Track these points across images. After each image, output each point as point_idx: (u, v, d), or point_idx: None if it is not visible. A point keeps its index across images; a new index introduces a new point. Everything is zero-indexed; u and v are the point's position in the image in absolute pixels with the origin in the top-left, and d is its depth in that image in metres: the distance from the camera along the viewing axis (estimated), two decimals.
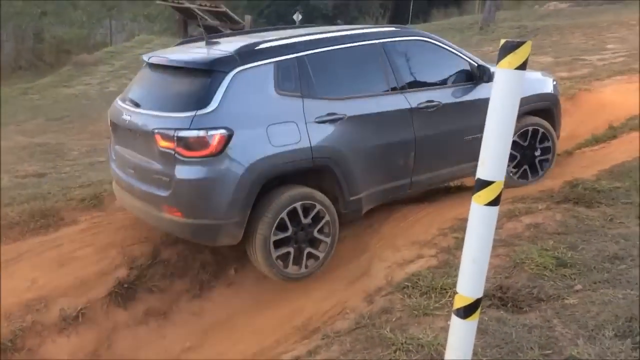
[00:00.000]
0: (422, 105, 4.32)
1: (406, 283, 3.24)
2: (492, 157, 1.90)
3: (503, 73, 1.83)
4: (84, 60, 20.08)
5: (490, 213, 1.94)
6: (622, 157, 5.12)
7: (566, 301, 2.78)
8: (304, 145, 3.74)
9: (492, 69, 4.53)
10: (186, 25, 23.58)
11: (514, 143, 4.79)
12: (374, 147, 4.07)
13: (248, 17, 22.01)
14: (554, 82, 5.34)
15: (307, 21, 36.86)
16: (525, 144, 4.95)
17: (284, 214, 3.74)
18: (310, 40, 4.04)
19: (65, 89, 17.10)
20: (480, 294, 1.97)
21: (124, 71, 18.32)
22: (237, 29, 22.59)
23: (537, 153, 5.02)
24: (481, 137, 1.87)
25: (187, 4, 21.57)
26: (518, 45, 1.81)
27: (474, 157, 2.11)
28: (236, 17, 23.06)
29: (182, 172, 3.54)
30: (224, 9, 22.11)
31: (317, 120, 3.82)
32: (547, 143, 5.04)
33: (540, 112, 5.04)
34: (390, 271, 3.62)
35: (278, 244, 3.78)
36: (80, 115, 13.19)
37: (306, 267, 3.93)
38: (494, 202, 1.93)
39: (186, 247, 4.32)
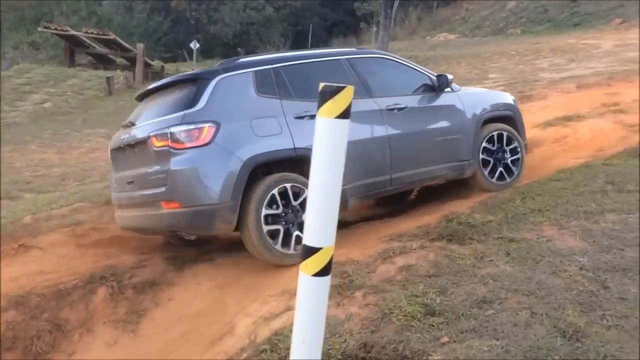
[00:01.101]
0: (390, 107, 4.81)
1: (265, 346, 2.91)
2: (319, 219, 1.62)
3: (323, 123, 1.57)
4: None
5: (319, 285, 1.64)
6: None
7: (430, 358, 2.57)
8: (285, 136, 4.19)
9: (449, 76, 5.19)
10: (73, 53, 22.30)
11: (485, 149, 5.33)
12: (351, 142, 4.14)
13: (140, 45, 21.17)
14: (513, 97, 6.01)
15: (207, 50, 36.42)
16: (494, 148, 5.42)
17: (275, 191, 4.06)
18: (284, 56, 4.81)
19: None
20: None
21: None
22: (128, 57, 21.66)
23: (507, 155, 5.48)
24: (450, 139, 2.57)
25: (72, 32, 20.39)
26: (338, 90, 1.56)
27: (447, 158, 3.27)
28: (127, 45, 22.15)
29: (176, 163, 3.92)
30: (112, 36, 21.19)
31: (295, 116, 4.31)
32: (514, 144, 5.49)
33: (502, 119, 5.58)
34: (255, 327, 3.29)
35: (268, 219, 4.03)
36: None
37: (295, 249, 4.09)
38: (324, 272, 1.63)
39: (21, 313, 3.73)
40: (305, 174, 4.05)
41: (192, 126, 3.95)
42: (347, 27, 39.49)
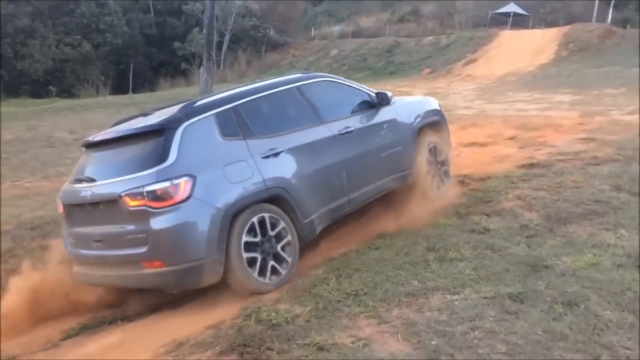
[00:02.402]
0: (342, 132, 4.88)
1: None
2: None
3: None
4: None
5: None
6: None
7: None
8: (257, 179, 4.13)
9: (389, 94, 5.49)
10: None
11: (428, 161, 5.69)
12: (312, 173, 4.53)
13: None
14: (437, 102, 6.34)
15: (13, 88, 32.25)
16: (433, 159, 5.79)
17: (254, 219, 4.03)
18: (237, 93, 4.62)
19: None
20: None
21: None
22: None
23: (440, 167, 5.89)
24: (393, 152, 4.83)
25: None
26: None
27: (392, 170, 5.21)
28: None
29: (157, 223, 3.75)
30: None
31: (262, 156, 4.25)
32: (444, 156, 5.99)
33: (432, 125, 5.94)
34: None
35: (247, 247, 3.96)
36: None
37: (270, 279, 4.04)
38: None
39: None
40: (280, 207, 4.22)
41: (168, 183, 3.77)
42: (174, 67, 37.98)
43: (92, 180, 4.20)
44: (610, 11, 30.51)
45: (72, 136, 13.93)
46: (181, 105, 4.41)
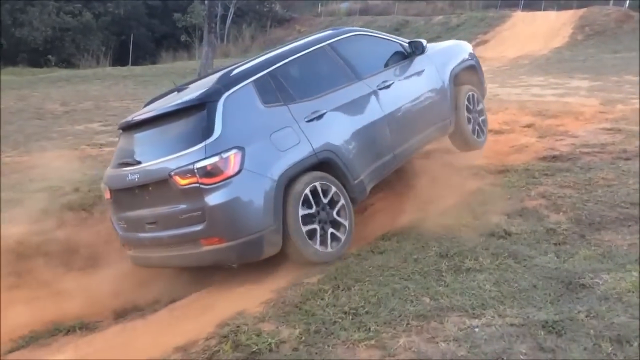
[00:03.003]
0: (380, 86, 4.76)
1: None
2: None
3: None
4: None
5: None
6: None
7: None
8: (304, 144, 4.03)
9: (424, 42, 5.34)
10: None
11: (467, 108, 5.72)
12: (357, 132, 4.41)
13: None
14: (470, 45, 6.34)
15: (11, 56, 31.44)
16: (472, 107, 5.79)
17: (307, 191, 3.93)
18: (270, 58, 4.43)
19: None
20: None
21: None
22: None
23: (478, 116, 5.90)
24: (432, 102, 4.98)
25: None
26: None
27: (433, 121, 5.14)
28: None
29: (212, 199, 3.67)
30: None
31: (306, 120, 4.14)
32: (482, 105, 6.05)
33: (468, 69, 5.90)
34: None
35: (305, 220, 3.90)
36: None
37: (331, 247, 4.00)
38: None
39: None
40: (329, 172, 4.17)
41: (217, 158, 3.69)
42: (177, 40, 37.05)
43: (138, 162, 4.10)
44: None
45: (63, 108, 13.26)
46: (217, 76, 4.32)
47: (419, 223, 4.41)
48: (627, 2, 28.90)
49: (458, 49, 6.04)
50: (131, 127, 4.41)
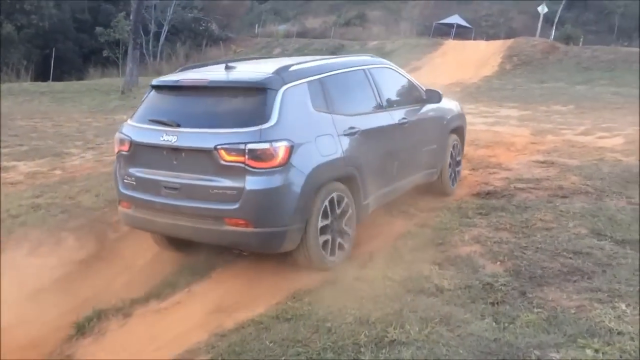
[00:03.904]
0: (401, 121, 4.93)
1: None
2: None
3: None
4: None
5: None
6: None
7: None
8: (339, 155, 4.09)
9: (439, 91, 5.51)
10: None
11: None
12: (377, 157, 4.54)
13: None
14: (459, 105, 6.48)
15: None
16: (455, 156, 6.00)
17: (326, 202, 3.96)
18: (323, 65, 4.51)
19: None
20: None
21: None
22: None
23: (456, 165, 6.10)
24: (432, 148, 5.23)
25: None
26: None
27: (427, 166, 5.32)
28: None
29: (253, 183, 3.67)
30: None
31: (344, 133, 4.20)
32: (460, 156, 6.27)
33: (457, 129, 6.14)
34: None
35: (322, 229, 3.96)
36: None
37: (337, 255, 4.07)
38: None
39: None
40: (347, 185, 4.19)
41: (269, 145, 3.65)
42: (110, 58, 35.45)
43: (176, 124, 3.93)
44: (554, 27, 30.78)
45: None
46: (274, 66, 4.15)
47: (337, 276, 3.76)
48: (553, 34, 30.14)
49: (453, 106, 6.26)
50: (170, 88, 4.36)
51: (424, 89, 5.47)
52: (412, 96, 5.36)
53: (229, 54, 36.25)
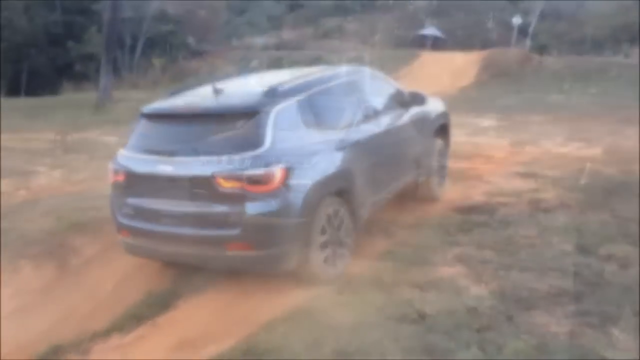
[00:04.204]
0: (387, 128, 4.98)
1: None
2: None
3: None
4: None
5: None
6: None
7: None
8: (333, 169, 4.13)
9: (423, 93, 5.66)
10: None
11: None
12: (368, 165, 4.52)
13: None
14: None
15: None
16: (441, 159, 6.03)
17: (324, 218, 4.00)
18: (310, 80, 4.53)
19: None
20: None
21: None
22: None
23: (443, 168, 6.09)
24: (418, 151, 5.18)
25: None
26: None
27: (414, 168, 5.31)
28: None
29: (253, 207, 3.70)
30: None
31: (335, 147, 4.22)
32: (446, 157, 6.29)
33: (442, 127, 6.16)
34: None
35: (322, 246, 3.97)
36: None
37: (337, 266, 4.09)
38: None
39: None
40: (342, 198, 4.23)
41: (266, 169, 3.68)
42: (83, 72, 34.84)
43: (172, 154, 3.94)
44: (529, 37, 31.17)
45: None
46: (262, 84, 4.20)
47: (314, 303, 3.53)
48: (528, 45, 30.51)
49: (438, 105, 6.26)
50: (161, 117, 4.34)
51: (408, 93, 5.53)
52: (397, 101, 5.41)
53: (205, 66, 36.02)
